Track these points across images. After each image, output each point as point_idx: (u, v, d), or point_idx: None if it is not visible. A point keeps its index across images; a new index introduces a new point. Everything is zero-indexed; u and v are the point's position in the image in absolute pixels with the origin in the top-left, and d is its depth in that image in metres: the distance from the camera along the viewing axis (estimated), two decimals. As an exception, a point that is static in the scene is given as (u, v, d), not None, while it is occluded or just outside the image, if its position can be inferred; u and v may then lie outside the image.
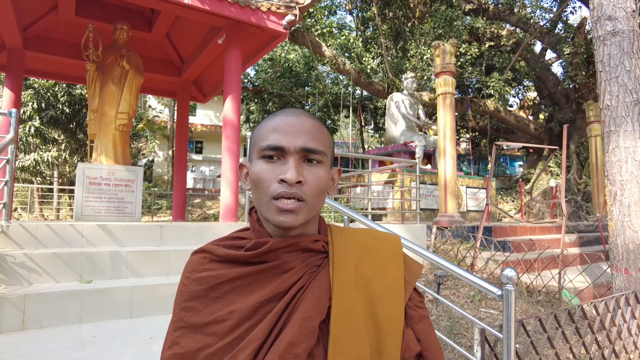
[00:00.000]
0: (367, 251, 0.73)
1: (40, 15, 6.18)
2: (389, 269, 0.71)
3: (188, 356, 0.64)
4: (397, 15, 14.45)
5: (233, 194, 5.38)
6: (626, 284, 3.62)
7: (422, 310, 0.74)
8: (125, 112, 5.60)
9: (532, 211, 11.43)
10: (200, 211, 14.86)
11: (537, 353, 2.01)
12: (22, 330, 2.75)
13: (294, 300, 0.66)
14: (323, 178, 0.70)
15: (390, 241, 0.77)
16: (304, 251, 0.71)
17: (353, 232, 0.77)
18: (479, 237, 5.49)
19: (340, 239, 0.74)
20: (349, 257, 0.71)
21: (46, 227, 3.71)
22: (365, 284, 0.69)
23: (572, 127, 13.10)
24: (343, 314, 0.65)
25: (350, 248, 0.73)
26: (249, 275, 0.68)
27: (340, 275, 0.68)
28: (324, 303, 0.66)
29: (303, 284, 0.67)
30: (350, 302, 0.66)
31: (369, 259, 0.72)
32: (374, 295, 0.68)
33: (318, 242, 0.72)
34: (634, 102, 3.73)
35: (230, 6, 5.25)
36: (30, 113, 12.14)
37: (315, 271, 0.70)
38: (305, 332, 0.63)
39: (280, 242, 0.69)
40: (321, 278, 0.68)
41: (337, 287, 0.67)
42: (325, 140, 0.72)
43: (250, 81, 16.52)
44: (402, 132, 9.68)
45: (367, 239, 0.76)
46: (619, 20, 3.83)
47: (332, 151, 0.75)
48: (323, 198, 0.72)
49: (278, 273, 0.68)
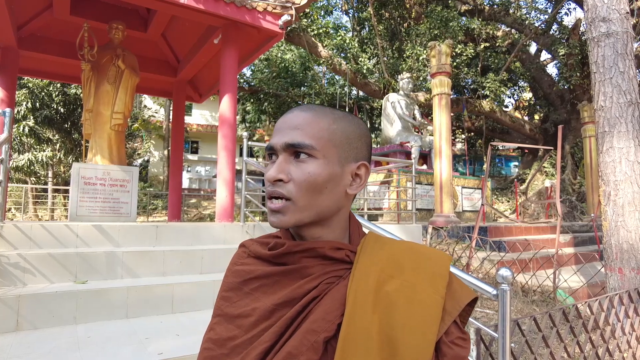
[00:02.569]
0: (397, 268, 0.63)
1: (35, 14, 6.13)
2: (423, 292, 0.61)
3: (220, 343, 0.65)
4: (393, 16, 14.48)
5: (229, 193, 5.36)
6: (620, 284, 3.64)
7: (459, 349, 0.62)
8: (121, 112, 5.57)
9: (527, 211, 11.49)
10: (196, 211, 14.82)
11: (532, 352, 2.02)
12: (16, 331, 2.73)
13: (307, 309, 0.62)
14: (312, 174, 0.63)
15: (434, 260, 0.65)
16: (325, 259, 0.66)
17: (390, 244, 0.68)
18: (474, 237, 5.51)
19: (370, 250, 0.66)
20: (373, 272, 0.63)
21: (41, 228, 3.68)
22: (387, 305, 0.60)
23: (566, 127, 13.19)
24: (354, 334, 0.58)
25: (377, 262, 0.64)
26: (273, 275, 0.67)
27: (358, 291, 0.61)
28: (334, 318, 0.60)
29: (318, 294, 0.63)
30: (364, 323, 0.58)
31: (398, 278, 0.62)
32: (395, 319, 0.59)
33: (341, 250, 0.66)
34: (627, 103, 3.76)
35: (226, 6, 5.24)
36: (24, 112, 12.06)
37: (334, 282, 0.64)
38: (306, 345, 0.59)
39: (296, 246, 0.66)
40: (338, 290, 0.63)
41: (352, 304, 0.60)
42: (320, 131, 0.65)
43: (246, 81, 16.50)
44: (398, 133, 9.70)
45: (403, 254, 0.66)
46: (613, 22, 3.86)
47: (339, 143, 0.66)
48: (322, 196, 0.64)
49: (297, 278, 0.65)
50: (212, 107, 24.15)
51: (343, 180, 0.67)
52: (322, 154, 0.64)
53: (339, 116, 0.68)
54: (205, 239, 4.36)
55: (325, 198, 0.65)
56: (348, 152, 0.67)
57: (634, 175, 3.67)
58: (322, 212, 0.66)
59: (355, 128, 0.69)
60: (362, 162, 0.69)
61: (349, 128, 0.68)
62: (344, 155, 0.67)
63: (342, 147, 0.66)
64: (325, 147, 0.65)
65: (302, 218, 0.64)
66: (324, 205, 0.65)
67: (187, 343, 2.55)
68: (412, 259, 0.65)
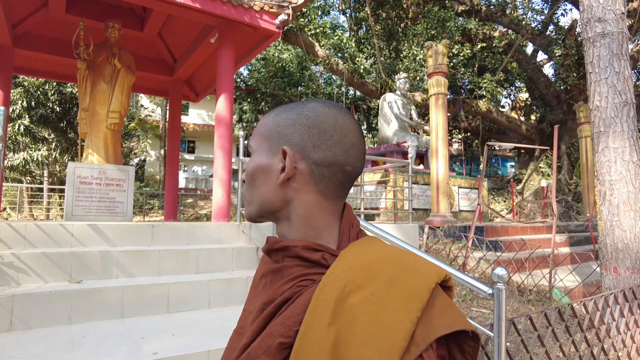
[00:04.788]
0: (369, 279, 0.53)
1: (30, 12, 6.10)
2: (391, 311, 0.50)
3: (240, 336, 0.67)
4: (390, 16, 14.50)
5: (225, 193, 5.35)
6: (615, 283, 3.66)
7: None
8: (117, 111, 5.55)
9: (524, 211, 11.53)
10: (193, 211, 14.78)
11: (527, 351, 2.03)
12: (10, 331, 2.71)
13: (280, 311, 0.59)
14: (247, 169, 0.67)
15: (416, 275, 0.54)
16: (302, 260, 0.61)
17: (374, 250, 0.59)
18: (470, 237, 5.53)
19: (349, 255, 0.59)
20: (340, 280, 0.54)
21: (35, 227, 3.66)
22: (348, 320, 0.51)
23: (563, 128, 13.24)
24: (305, 347, 0.52)
25: (349, 269, 0.55)
26: (269, 273, 0.67)
27: (319, 299, 0.54)
28: (292, 324, 0.55)
29: (289, 296, 0.59)
30: (319, 335, 0.51)
31: (366, 290, 0.52)
32: (353, 337, 0.49)
33: (317, 252, 0.61)
34: (622, 103, 3.78)
35: (223, 5, 5.23)
36: (19, 111, 12.00)
37: (307, 285, 0.59)
38: (263, 348, 0.55)
39: (275, 243, 0.65)
40: (306, 295, 0.57)
41: (310, 313, 0.53)
42: (259, 127, 0.67)
43: (243, 80, 16.48)
44: (394, 133, 9.72)
45: (382, 263, 0.56)
46: (609, 23, 3.88)
47: (269, 134, 0.64)
48: (256, 189, 0.65)
49: (280, 277, 0.64)
50: (209, 107, 24.10)
51: (274, 171, 0.63)
52: (254, 149, 0.66)
53: (287, 108, 0.65)
54: (201, 239, 4.35)
55: (262, 190, 0.65)
56: (278, 141, 0.63)
57: (629, 175, 3.69)
58: (263, 205, 0.65)
59: (294, 115, 0.63)
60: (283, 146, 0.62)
61: (285, 116, 0.64)
62: (274, 144, 0.63)
63: (271, 137, 0.64)
64: (258, 141, 0.66)
65: (250, 211, 0.68)
66: (262, 198, 0.65)
67: (182, 343, 2.54)
68: (391, 270, 0.54)
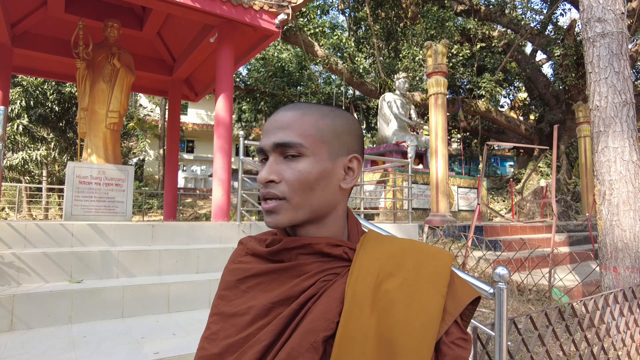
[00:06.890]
0: (397, 266, 0.62)
1: (29, 11, 6.08)
2: (424, 291, 0.59)
3: (214, 342, 0.65)
4: (389, 16, 14.50)
5: (225, 193, 5.35)
6: (615, 282, 3.67)
7: (459, 349, 0.60)
8: (116, 110, 5.54)
9: (523, 211, 11.55)
10: (192, 211, 14.78)
11: (528, 350, 2.03)
12: (11, 331, 2.70)
13: (305, 308, 0.61)
14: (303, 172, 0.62)
15: (435, 258, 0.64)
16: (322, 255, 0.65)
17: (390, 242, 0.67)
18: (470, 237, 5.53)
19: (370, 247, 0.65)
20: (372, 270, 0.61)
21: (35, 227, 3.65)
22: (386, 305, 0.58)
23: (562, 127, 13.26)
24: (350, 334, 0.56)
25: (376, 259, 0.63)
26: (270, 273, 0.66)
27: (356, 290, 0.59)
28: (333, 317, 0.59)
29: (315, 292, 0.62)
30: (362, 323, 0.57)
31: (398, 276, 0.61)
32: (395, 319, 0.57)
33: (339, 247, 0.65)
34: (622, 103, 3.78)
35: (222, 4, 5.22)
36: (18, 111, 11.98)
37: (331, 280, 0.63)
38: (305, 345, 0.57)
39: (292, 242, 0.65)
40: (336, 288, 0.61)
41: (349, 302, 0.58)
42: (307, 129, 0.64)
43: (242, 80, 16.46)
44: (394, 132, 9.72)
45: (403, 252, 0.64)
46: (609, 22, 3.88)
47: (327, 138, 0.65)
48: (315, 194, 0.64)
49: (294, 275, 0.64)
50: (208, 106, 24.09)
51: (336, 175, 0.66)
52: (311, 151, 0.64)
53: (326, 112, 0.67)
54: (201, 238, 4.35)
55: (319, 195, 0.64)
56: (338, 147, 0.66)
57: (629, 174, 3.70)
58: (316, 209, 0.65)
59: (344, 122, 0.68)
60: (353, 154, 0.68)
61: (337, 122, 0.67)
62: (334, 150, 0.66)
63: (331, 142, 0.66)
64: (313, 143, 0.64)
65: (296, 217, 0.64)
66: (318, 203, 0.65)
67: (183, 342, 2.54)
68: (413, 257, 0.63)
